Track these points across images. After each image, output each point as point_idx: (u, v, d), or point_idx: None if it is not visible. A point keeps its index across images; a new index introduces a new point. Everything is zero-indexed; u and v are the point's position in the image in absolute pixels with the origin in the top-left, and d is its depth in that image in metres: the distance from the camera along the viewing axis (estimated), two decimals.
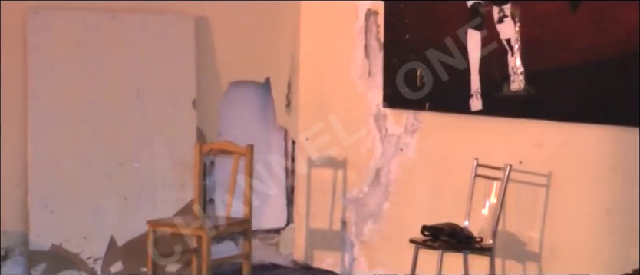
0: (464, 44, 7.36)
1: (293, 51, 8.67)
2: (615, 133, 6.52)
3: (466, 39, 7.35)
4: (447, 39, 7.42)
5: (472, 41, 7.31)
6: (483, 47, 7.24)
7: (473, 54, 7.31)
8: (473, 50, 7.31)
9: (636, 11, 6.34)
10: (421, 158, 7.77)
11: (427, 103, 7.66)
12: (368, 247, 8.17)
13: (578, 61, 6.69)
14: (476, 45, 7.28)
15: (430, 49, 7.58)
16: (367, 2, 8.11)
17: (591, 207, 6.68)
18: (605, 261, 6.49)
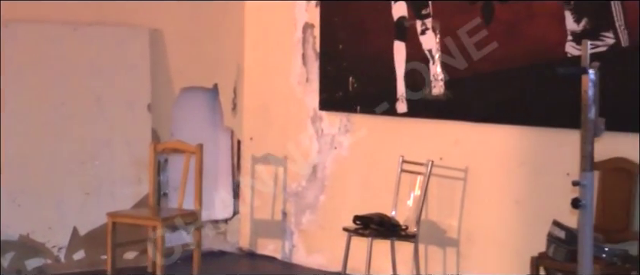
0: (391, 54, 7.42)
1: (238, 60, 8.68)
2: (523, 132, 6.60)
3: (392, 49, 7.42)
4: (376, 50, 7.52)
5: (398, 51, 7.37)
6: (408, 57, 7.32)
7: (399, 63, 7.36)
8: (398, 59, 7.36)
9: (540, 26, 6.44)
10: (353, 155, 7.81)
11: (358, 106, 7.71)
12: (306, 235, 8.22)
13: (491, 69, 6.75)
14: (401, 55, 7.33)
15: (361, 58, 7.65)
16: (304, 16, 8.15)
17: (502, 198, 6.75)
18: (515, 245, 6.57)
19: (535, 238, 6.24)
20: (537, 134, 6.52)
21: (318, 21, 8.04)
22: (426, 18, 7.17)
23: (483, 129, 6.85)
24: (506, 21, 6.68)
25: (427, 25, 7.16)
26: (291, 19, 8.28)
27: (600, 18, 6.13)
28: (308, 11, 8.15)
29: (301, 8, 8.19)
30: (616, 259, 5.80)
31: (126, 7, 8.02)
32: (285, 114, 8.38)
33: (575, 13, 6.28)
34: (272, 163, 8.42)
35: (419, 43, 7.22)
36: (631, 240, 5.95)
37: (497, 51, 6.72)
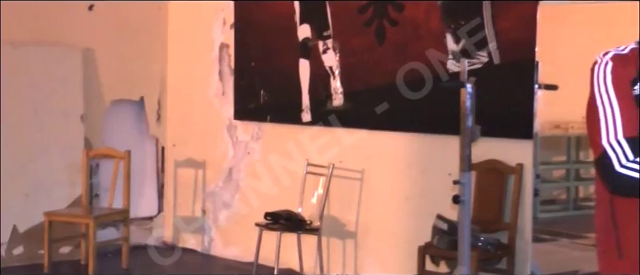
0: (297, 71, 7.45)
1: (162, 75, 8.63)
2: (411, 138, 6.66)
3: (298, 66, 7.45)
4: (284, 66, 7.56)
5: (302, 68, 7.41)
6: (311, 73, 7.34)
7: (304, 78, 7.40)
8: (303, 75, 7.40)
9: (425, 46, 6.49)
10: (264, 159, 7.80)
11: (268, 116, 7.73)
12: (223, 230, 8.20)
13: (384, 83, 6.79)
14: (305, 71, 7.38)
15: (271, 74, 7.68)
16: (220, 37, 8.14)
17: (394, 195, 6.80)
18: (405, 237, 6.62)
19: (422, 230, 6.29)
20: (423, 140, 6.58)
21: (233, 41, 8.03)
22: (327, 38, 7.22)
23: (377, 135, 6.88)
24: (396, 41, 6.74)
25: (328, 45, 7.21)
26: (209, 40, 8.26)
27: (476, 40, 6.22)
28: (223, 33, 8.14)
29: (218, 29, 8.18)
30: (490, 247, 5.92)
31: (61, 28, 7.95)
32: (203, 123, 8.35)
33: (454, 35, 6.36)
34: (192, 166, 8.38)
35: (321, 61, 7.26)
36: (502, 230, 6.07)
37: (390, 66, 6.76)
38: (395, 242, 6.77)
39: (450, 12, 6.41)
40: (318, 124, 7.30)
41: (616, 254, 2.78)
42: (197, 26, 8.40)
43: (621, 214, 2.75)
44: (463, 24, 6.31)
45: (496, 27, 6.13)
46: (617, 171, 2.65)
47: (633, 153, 2.63)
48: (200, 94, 8.38)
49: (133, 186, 7.69)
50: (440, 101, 6.23)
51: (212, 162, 8.28)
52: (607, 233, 2.81)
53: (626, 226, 2.75)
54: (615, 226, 2.77)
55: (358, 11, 6.97)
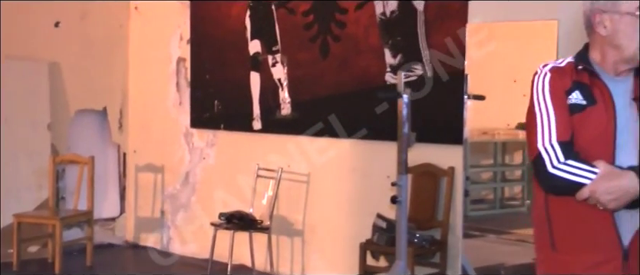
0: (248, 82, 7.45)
1: (123, 87, 8.58)
2: (353, 144, 6.67)
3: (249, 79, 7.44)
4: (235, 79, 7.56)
5: (253, 80, 7.41)
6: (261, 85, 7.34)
7: (255, 89, 7.40)
8: (254, 86, 7.40)
9: (365, 60, 6.53)
10: (219, 164, 7.80)
11: (222, 124, 7.71)
12: (180, 230, 8.16)
13: (328, 93, 6.83)
14: (256, 83, 7.38)
15: (224, 86, 7.66)
16: (178, 52, 8.11)
17: (337, 196, 6.81)
18: (348, 234, 6.64)
19: (363, 228, 6.31)
20: (364, 146, 6.59)
21: (189, 55, 8.01)
22: (276, 53, 7.21)
23: (322, 142, 6.87)
24: (339, 55, 6.76)
25: (277, 59, 7.21)
26: (167, 54, 8.23)
27: (411, 54, 6.27)
28: (180, 48, 8.11)
29: (175, 45, 8.15)
30: (425, 242, 5.94)
31: (29, 43, 7.89)
32: (162, 131, 8.31)
33: (392, 50, 6.40)
34: (151, 171, 8.34)
35: (270, 73, 7.26)
36: (436, 228, 6.11)
37: (333, 79, 6.79)
38: (339, 239, 6.78)
39: (387, 29, 6.44)
40: (268, 132, 7.29)
41: (550, 247, 2.83)
42: (156, 41, 8.35)
43: (554, 211, 2.79)
44: (400, 40, 6.36)
45: (429, 42, 6.18)
46: (549, 172, 2.69)
47: (565, 155, 2.67)
48: (159, 104, 8.33)
49: (96, 189, 7.63)
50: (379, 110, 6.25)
51: (170, 167, 8.24)
52: (542, 228, 2.85)
53: (559, 221, 2.79)
54: (549, 221, 2.81)
55: (304, 28, 6.99)
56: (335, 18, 6.77)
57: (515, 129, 5.84)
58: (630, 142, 2.72)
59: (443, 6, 6.10)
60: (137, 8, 8.54)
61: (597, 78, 2.77)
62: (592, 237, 2.73)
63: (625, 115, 2.73)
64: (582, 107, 2.73)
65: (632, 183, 2.61)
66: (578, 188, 2.65)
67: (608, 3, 2.76)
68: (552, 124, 2.72)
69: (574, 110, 2.73)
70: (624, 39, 2.74)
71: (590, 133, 2.72)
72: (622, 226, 2.71)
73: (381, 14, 6.48)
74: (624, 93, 2.75)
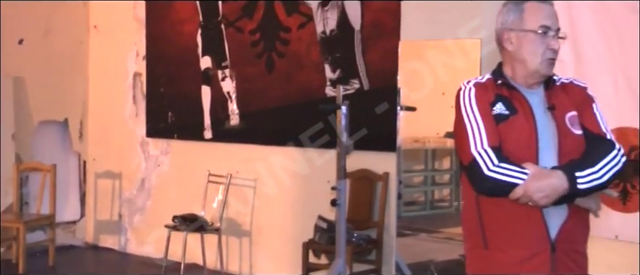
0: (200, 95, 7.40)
1: (84, 100, 8.43)
2: (297, 152, 6.62)
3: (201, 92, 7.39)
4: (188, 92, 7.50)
5: (204, 93, 7.35)
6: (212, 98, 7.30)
7: (206, 101, 7.36)
8: (205, 99, 7.35)
9: (307, 75, 6.52)
10: (172, 171, 7.73)
11: (175, 134, 7.65)
12: (137, 232, 8.06)
13: (274, 105, 6.80)
14: (207, 96, 7.33)
15: (178, 98, 7.60)
16: (134, 67, 8.02)
17: (282, 200, 6.77)
18: (292, 234, 6.61)
19: (305, 229, 6.30)
20: (306, 153, 6.56)
21: (145, 70, 7.93)
22: (225, 68, 7.17)
23: (268, 150, 6.85)
24: (283, 70, 6.75)
25: (226, 74, 7.17)
26: (124, 69, 8.13)
27: (349, 69, 6.28)
28: (137, 63, 8.01)
29: (132, 60, 8.05)
30: (362, 241, 5.96)
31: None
32: (120, 140, 8.19)
33: (331, 65, 6.41)
34: (110, 177, 8.22)
35: (220, 87, 7.21)
36: (372, 228, 6.12)
37: (278, 92, 6.77)
38: (284, 239, 6.74)
39: (327, 46, 6.44)
40: (219, 141, 7.24)
41: (482, 246, 2.82)
42: (114, 57, 8.24)
43: (486, 211, 2.79)
44: (339, 57, 6.35)
45: (365, 58, 6.19)
46: (485, 174, 2.69)
47: (498, 159, 2.69)
48: (117, 116, 8.23)
49: (58, 195, 7.50)
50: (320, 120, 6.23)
51: (127, 173, 8.14)
52: (473, 228, 2.85)
53: (490, 221, 2.79)
54: (480, 221, 2.81)
55: (251, 46, 6.96)
56: (280, 36, 6.75)
57: (443, 137, 5.88)
58: (550, 146, 2.75)
59: (378, 26, 6.11)
60: (96, 27, 8.43)
61: (515, 91, 2.81)
62: (522, 233, 2.74)
63: (543, 122, 2.77)
64: (505, 117, 2.75)
65: (560, 181, 2.64)
66: (512, 188, 2.66)
67: (515, 21, 2.81)
68: (482, 132, 2.73)
69: (499, 119, 2.75)
70: (528, 54, 2.79)
71: (515, 139, 2.74)
72: (550, 221, 2.74)
73: (321, 32, 6.48)
74: (539, 103, 2.81)
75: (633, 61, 4.77)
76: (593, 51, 4.90)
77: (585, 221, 2.84)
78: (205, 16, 7.35)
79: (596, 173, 2.68)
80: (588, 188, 2.68)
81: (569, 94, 2.84)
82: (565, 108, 2.80)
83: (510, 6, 2.84)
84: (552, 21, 2.79)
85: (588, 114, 2.83)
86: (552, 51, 2.79)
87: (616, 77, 4.82)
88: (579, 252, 2.81)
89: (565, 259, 2.74)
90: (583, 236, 2.84)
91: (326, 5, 6.42)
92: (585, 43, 4.91)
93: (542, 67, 2.79)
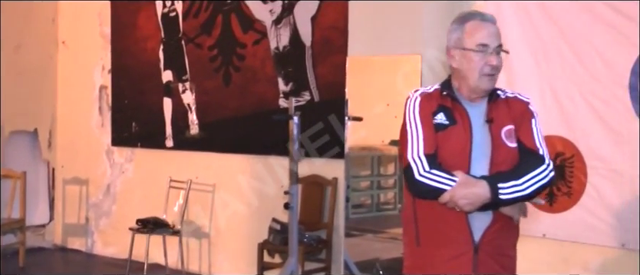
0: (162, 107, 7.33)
1: (52, 111, 8.29)
2: (253, 159, 6.59)
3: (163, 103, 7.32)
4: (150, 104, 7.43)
5: (166, 104, 7.28)
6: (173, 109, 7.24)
7: (167, 112, 7.28)
8: (166, 110, 7.28)
9: (262, 87, 6.49)
10: (136, 177, 7.63)
11: (139, 142, 7.56)
12: (103, 234, 7.93)
13: (231, 116, 6.75)
14: (168, 107, 7.25)
15: (141, 110, 7.51)
16: (100, 80, 7.92)
17: (239, 203, 6.68)
18: (248, 235, 6.55)
19: (260, 230, 6.27)
20: (262, 160, 6.53)
21: (110, 83, 7.83)
22: (185, 81, 7.12)
23: (226, 157, 6.81)
24: (239, 83, 6.71)
25: (186, 87, 7.11)
26: (91, 82, 8.02)
27: (300, 82, 6.27)
28: (102, 77, 7.91)
29: (98, 74, 7.95)
30: (313, 242, 5.94)
31: None
32: (86, 148, 8.07)
33: (284, 79, 6.39)
34: (77, 183, 8.08)
35: (181, 99, 7.15)
36: (322, 229, 6.10)
37: (235, 103, 6.73)
38: (240, 240, 6.69)
39: (280, 61, 6.42)
40: (179, 149, 7.18)
41: (415, 243, 2.85)
42: (81, 71, 8.12)
43: (420, 212, 2.82)
44: (291, 71, 6.34)
45: (316, 72, 6.18)
46: (416, 179, 2.73)
47: (429, 166, 2.72)
48: (84, 126, 8.11)
49: (28, 200, 7.37)
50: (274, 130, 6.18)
51: (93, 180, 8.02)
52: (409, 227, 2.88)
53: (424, 221, 2.82)
54: (415, 221, 2.84)
55: (210, 60, 6.91)
56: (236, 52, 6.71)
57: (388, 145, 5.89)
58: (483, 156, 2.77)
59: (327, 42, 6.11)
60: (65, 43, 8.31)
61: (458, 103, 2.83)
62: (450, 234, 2.77)
63: (480, 134, 2.78)
64: (445, 126, 2.77)
65: (484, 190, 2.67)
66: (441, 193, 2.70)
67: (457, 40, 2.82)
68: (420, 140, 2.76)
69: (438, 128, 2.77)
70: (468, 71, 2.80)
71: (451, 148, 2.76)
72: (474, 225, 2.76)
73: (275, 48, 6.45)
74: (479, 115, 2.81)
75: (558, 75, 4.84)
76: (522, 66, 4.96)
77: (513, 226, 2.86)
78: (166, 33, 7.29)
79: (520, 185, 2.70)
80: (511, 199, 2.71)
81: (510, 108, 2.85)
82: (503, 122, 2.80)
83: (454, 26, 2.85)
84: (491, 39, 2.79)
85: (525, 129, 2.82)
86: (491, 67, 2.79)
87: (543, 89, 4.88)
88: (504, 254, 2.83)
89: (488, 260, 2.76)
90: (510, 239, 2.86)
91: (279, 23, 6.40)
92: (514, 58, 4.96)
93: (481, 83, 2.79)
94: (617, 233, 4.63)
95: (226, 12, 6.77)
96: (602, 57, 4.65)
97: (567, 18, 4.78)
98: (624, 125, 4.57)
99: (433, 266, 2.79)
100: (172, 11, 7.23)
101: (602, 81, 4.65)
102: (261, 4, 6.52)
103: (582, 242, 4.75)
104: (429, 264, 2.80)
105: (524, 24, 4.95)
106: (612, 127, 4.62)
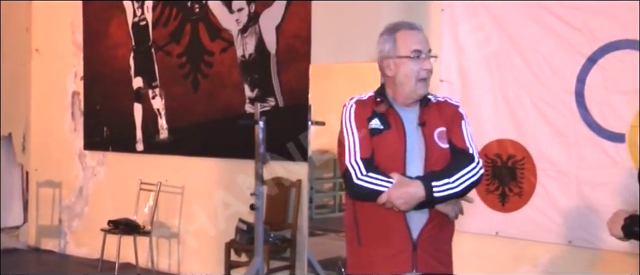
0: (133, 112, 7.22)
1: (26, 116, 8.16)
2: (220, 162, 6.54)
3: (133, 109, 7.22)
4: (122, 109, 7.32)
5: (136, 110, 7.19)
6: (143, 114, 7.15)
7: (138, 117, 7.19)
8: (137, 115, 7.18)
9: (229, 93, 6.43)
10: (108, 180, 7.52)
11: (110, 146, 7.46)
12: (76, 235, 7.80)
13: (199, 121, 6.69)
14: (138, 112, 7.16)
15: (112, 115, 7.41)
16: (72, 86, 7.78)
17: (207, 204, 6.61)
18: (216, 235, 6.46)
19: (227, 230, 6.22)
20: (229, 163, 6.47)
21: (82, 89, 7.71)
22: (155, 88, 7.03)
23: (194, 160, 6.74)
24: (207, 90, 6.65)
25: (156, 93, 7.03)
26: (63, 88, 7.89)
27: (266, 89, 6.22)
28: (75, 83, 7.79)
29: (71, 81, 7.82)
30: (278, 241, 5.91)
31: None
32: (59, 152, 7.93)
33: (250, 85, 6.34)
34: (50, 186, 7.94)
35: (151, 104, 7.07)
36: (287, 229, 6.05)
37: (202, 109, 6.66)
38: (208, 239, 6.61)
39: (246, 68, 6.37)
40: (149, 153, 7.09)
41: (356, 243, 2.85)
42: (54, 78, 7.99)
43: (361, 214, 2.81)
44: (257, 78, 6.29)
45: (280, 79, 6.14)
46: (355, 182, 2.73)
47: (366, 169, 2.72)
48: (57, 130, 7.97)
49: (2, 202, 7.31)
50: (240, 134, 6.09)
51: (66, 182, 7.89)
52: (350, 228, 2.87)
53: (364, 223, 2.82)
54: (356, 222, 2.83)
55: (178, 67, 6.84)
56: (204, 59, 6.65)
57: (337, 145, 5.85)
58: (417, 158, 2.78)
59: (291, 50, 6.08)
60: (38, 50, 8.17)
61: (391, 108, 2.84)
62: (389, 234, 2.78)
63: (413, 137, 2.80)
64: (379, 131, 2.78)
65: (419, 189, 2.69)
66: (378, 195, 2.70)
67: (390, 50, 2.83)
68: (357, 145, 2.76)
69: (374, 133, 2.78)
70: (404, 77, 2.81)
71: (386, 151, 2.77)
72: (412, 224, 2.77)
73: (241, 56, 6.40)
74: (412, 119, 2.83)
75: (509, 81, 4.86)
76: (476, 75, 4.99)
77: (448, 223, 2.87)
78: (137, 41, 7.20)
79: (452, 183, 2.72)
80: (445, 196, 2.72)
81: (441, 111, 2.86)
82: (435, 124, 2.82)
83: (385, 37, 2.86)
84: (422, 45, 2.82)
85: (456, 130, 2.84)
86: (426, 71, 2.81)
87: (495, 95, 4.90)
88: (441, 250, 2.85)
89: (426, 256, 2.78)
90: (445, 236, 2.88)
91: (245, 32, 6.36)
92: (470, 68, 5.00)
93: (418, 87, 2.81)
94: (564, 231, 4.65)
95: (194, 21, 6.71)
96: (549, 64, 4.69)
97: (517, 28, 4.81)
98: (570, 129, 4.60)
99: (374, 264, 2.79)
100: (142, 20, 7.14)
101: (549, 87, 4.68)
102: (228, 14, 6.47)
103: (532, 239, 4.77)
104: (370, 263, 2.80)
105: (477, 35, 4.98)
106: (559, 131, 4.65)
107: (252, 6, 6.30)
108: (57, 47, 7.96)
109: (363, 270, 2.82)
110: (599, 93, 4.49)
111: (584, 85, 4.53)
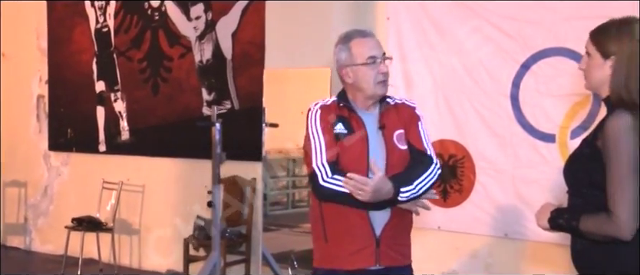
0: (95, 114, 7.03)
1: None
2: (179, 162, 6.44)
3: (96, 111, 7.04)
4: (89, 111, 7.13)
5: (99, 112, 7.00)
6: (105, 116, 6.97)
7: (100, 120, 6.99)
8: (99, 117, 7.00)
9: (187, 97, 6.32)
10: (72, 180, 7.33)
11: (74, 147, 7.27)
12: (41, 232, 7.58)
13: (159, 123, 6.57)
14: (101, 115, 6.98)
15: (76, 117, 7.20)
16: (37, 90, 7.57)
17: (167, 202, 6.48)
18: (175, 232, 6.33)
19: (186, 226, 6.13)
20: (187, 163, 6.37)
21: (47, 93, 7.50)
22: (117, 91, 6.87)
23: (154, 160, 6.62)
24: (166, 93, 6.53)
25: (118, 96, 6.86)
26: (28, 91, 7.66)
27: (222, 92, 6.13)
28: (40, 87, 7.56)
29: (36, 84, 7.59)
30: (234, 236, 5.83)
31: None
32: (25, 153, 7.69)
33: (207, 89, 6.24)
34: (16, 186, 7.69)
35: (113, 107, 6.90)
36: (242, 225, 5.96)
37: (162, 111, 6.54)
38: (168, 236, 6.49)
39: (204, 73, 6.27)
40: (112, 153, 6.94)
41: (323, 239, 2.82)
42: (20, 82, 7.75)
43: (327, 212, 2.78)
44: (214, 82, 6.19)
45: (236, 83, 6.06)
46: (321, 184, 2.71)
47: (332, 172, 2.69)
48: (23, 132, 7.74)
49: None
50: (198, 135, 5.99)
51: (32, 182, 7.65)
52: (317, 225, 2.84)
53: (330, 221, 2.79)
54: (322, 220, 2.80)
55: (139, 72, 6.71)
56: (163, 65, 6.52)
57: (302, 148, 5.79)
58: (379, 160, 2.74)
59: (246, 56, 6.01)
60: (5, 55, 7.91)
61: (353, 112, 2.81)
62: (353, 231, 2.75)
63: (375, 140, 2.77)
64: (344, 135, 2.75)
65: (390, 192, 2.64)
66: (343, 196, 2.66)
67: (347, 59, 2.79)
68: (323, 148, 2.72)
69: (338, 137, 2.74)
70: (363, 83, 2.78)
71: (350, 154, 2.73)
72: (375, 221, 2.75)
73: (199, 61, 6.30)
74: (373, 122, 2.80)
75: (450, 85, 4.86)
76: (419, 78, 4.98)
77: (408, 219, 2.86)
78: (99, 47, 7.03)
79: (414, 189, 2.69)
80: (407, 199, 2.70)
81: (399, 113, 2.83)
82: (394, 127, 2.79)
83: (340, 47, 2.82)
84: (376, 51, 2.79)
85: (414, 132, 2.81)
86: (383, 74, 2.79)
87: (437, 98, 4.90)
88: (402, 243, 2.83)
89: (389, 251, 2.76)
90: (405, 230, 2.86)
91: (203, 39, 6.26)
92: (413, 73, 4.99)
93: (377, 90, 2.79)
94: (501, 225, 4.67)
95: (154, 28, 6.58)
96: (487, 70, 4.70)
97: (459, 36, 4.82)
98: (506, 130, 4.62)
99: (339, 259, 2.77)
100: (104, 27, 6.98)
101: (487, 91, 4.69)
102: (186, 22, 6.36)
103: (472, 233, 4.79)
104: (336, 257, 2.77)
105: (420, 41, 4.98)
106: (496, 132, 4.66)
107: (209, 14, 6.21)
108: (23, 52, 7.73)
109: (329, 264, 2.80)
110: (532, 97, 4.52)
111: (518, 89, 4.56)
